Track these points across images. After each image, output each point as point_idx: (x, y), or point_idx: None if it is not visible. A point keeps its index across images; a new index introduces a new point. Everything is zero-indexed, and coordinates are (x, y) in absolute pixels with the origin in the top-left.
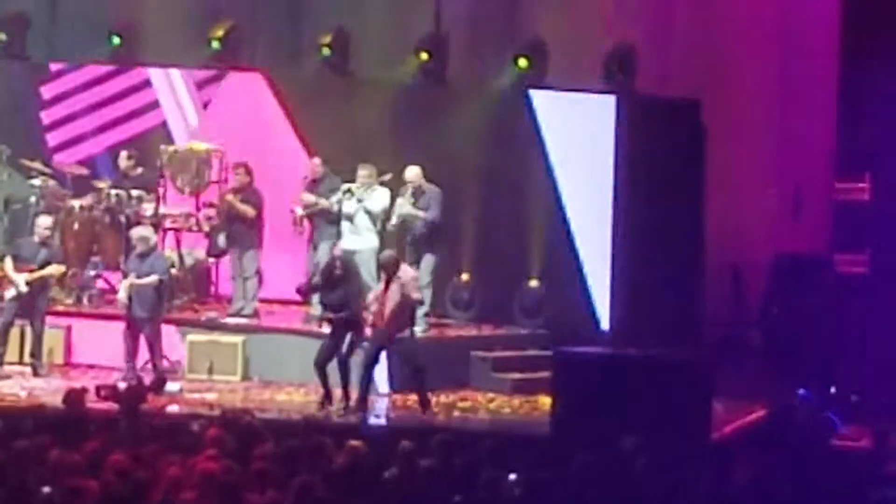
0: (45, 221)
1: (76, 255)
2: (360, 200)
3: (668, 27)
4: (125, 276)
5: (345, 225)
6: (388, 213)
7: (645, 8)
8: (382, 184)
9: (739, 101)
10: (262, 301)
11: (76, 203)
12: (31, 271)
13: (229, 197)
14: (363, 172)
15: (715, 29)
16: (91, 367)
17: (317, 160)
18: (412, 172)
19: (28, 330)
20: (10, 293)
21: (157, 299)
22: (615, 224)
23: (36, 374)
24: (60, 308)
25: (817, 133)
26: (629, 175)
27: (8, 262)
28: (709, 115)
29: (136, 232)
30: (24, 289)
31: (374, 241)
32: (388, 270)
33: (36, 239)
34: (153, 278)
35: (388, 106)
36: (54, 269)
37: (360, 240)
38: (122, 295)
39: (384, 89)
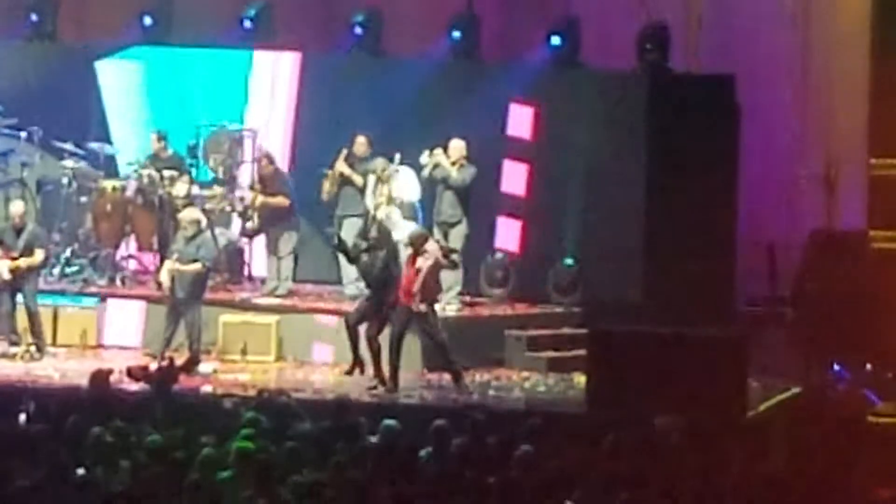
0: (16, 208)
1: (109, 235)
2: (389, 195)
3: (701, 4)
4: (168, 257)
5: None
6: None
7: None
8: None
9: (773, 77)
10: (296, 281)
11: (108, 184)
12: (14, 258)
13: (260, 200)
14: (379, 162)
15: (748, 5)
16: (123, 348)
17: (362, 138)
18: (458, 143)
19: (60, 311)
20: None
21: (200, 282)
22: (649, 201)
23: (39, 352)
24: (94, 289)
25: (852, 109)
26: (663, 152)
27: None
28: (743, 91)
29: (187, 214)
30: (6, 276)
31: (408, 229)
32: (415, 246)
33: (10, 225)
34: (196, 266)
35: (420, 85)
36: (36, 259)
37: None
38: (164, 277)
39: (417, 68)
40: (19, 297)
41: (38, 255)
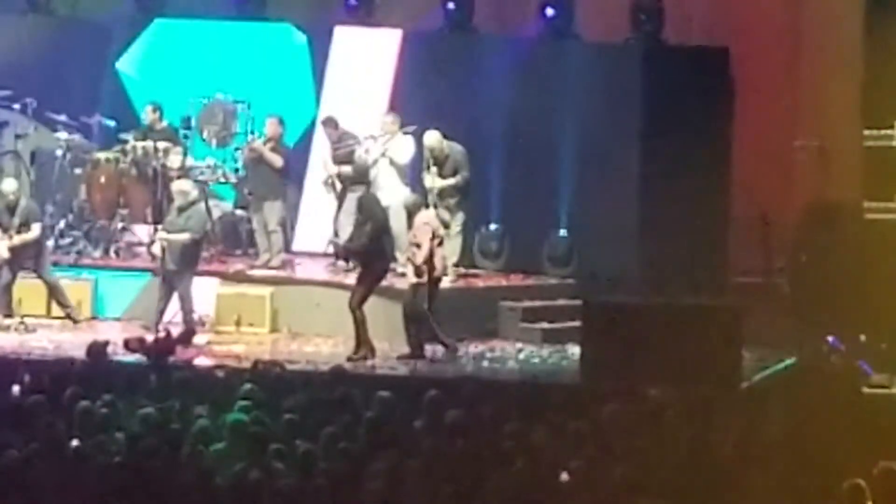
0: (9, 186)
1: (103, 207)
2: (383, 153)
3: None
4: (162, 228)
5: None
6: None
7: None
8: (406, 134)
9: (767, 49)
10: (290, 253)
11: (102, 156)
12: (11, 237)
13: (256, 144)
14: (388, 119)
15: None
16: (118, 320)
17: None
18: (432, 139)
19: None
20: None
21: (191, 254)
22: (643, 173)
23: (74, 321)
24: (88, 261)
25: (845, 80)
26: (657, 124)
27: None
28: (736, 64)
29: (177, 185)
30: (5, 255)
31: (402, 194)
32: (414, 216)
33: (3, 204)
34: (185, 236)
35: (412, 56)
36: (32, 234)
37: (386, 194)
38: (156, 248)
39: (408, 39)
40: (20, 274)
41: (35, 229)
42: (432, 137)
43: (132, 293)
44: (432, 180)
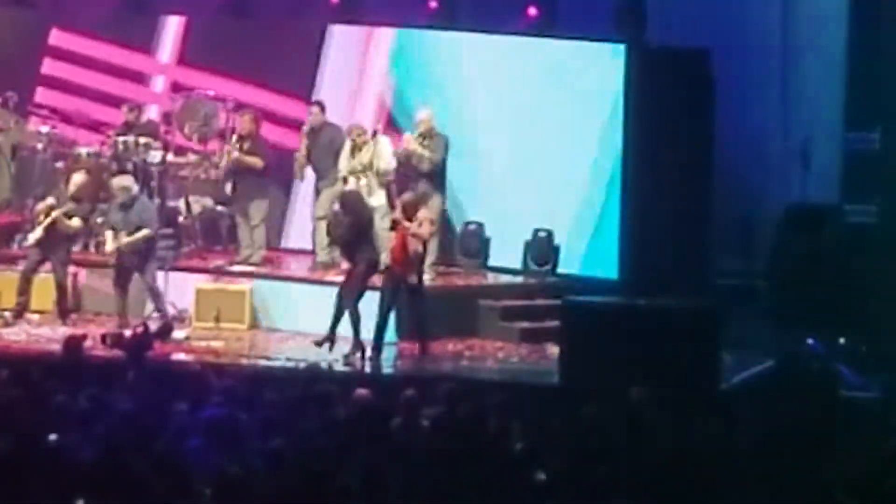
0: (78, 179)
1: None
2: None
3: None
4: (110, 227)
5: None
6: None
7: None
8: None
9: (748, 51)
10: (271, 249)
11: (83, 150)
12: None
13: (235, 154)
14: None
15: None
16: (97, 314)
17: (315, 108)
18: (424, 113)
19: (33, 277)
20: (28, 240)
21: (149, 248)
22: (624, 173)
23: (64, 319)
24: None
25: (827, 82)
26: (638, 125)
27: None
28: (718, 65)
29: (117, 182)
30: (37, 236)
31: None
32: (408, 212)
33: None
34: (145, 232)
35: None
36: (74, 223)
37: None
38: (110, 247)
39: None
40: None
41: (75, 222)
42: (425, 112)
43: (111, 288)
44: (412, 143)
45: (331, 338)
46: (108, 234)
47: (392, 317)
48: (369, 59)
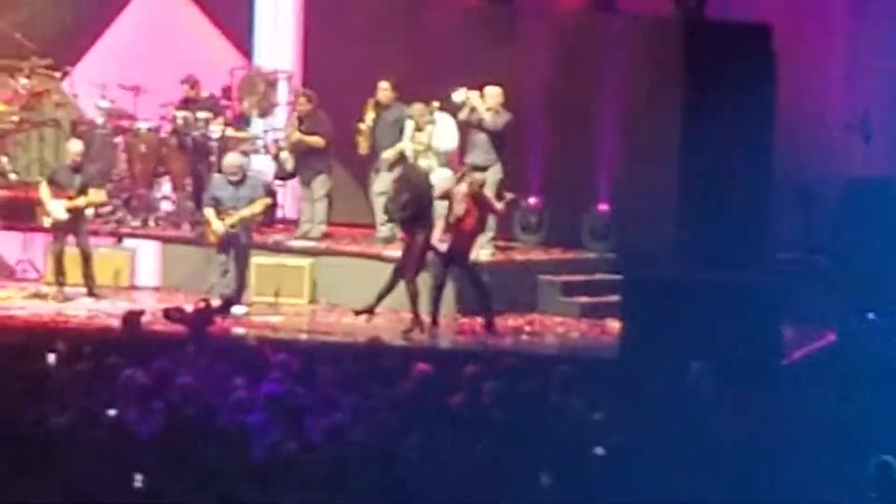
0: (75, 147)
1: (142, 177)
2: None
3: None
4: (213, 206)
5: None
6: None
7: None
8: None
9: (809, 26)
10: (330, 224)
11: (143, 125)
12: (70, 198)
13: (296, 136)
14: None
15: None
16: (157, 289)
17: (385, 83)
18: (493, 91)
19: (93, 252)
20: (47, 221)
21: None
22: (683, 148)
23: (91, 294)
24: (126, 230)
25: (888, 57)
26: (698, 99)
27: (44, 190)
28: (779, 40)
29: (229, 160)
30: (62, 216)
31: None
32: (470, 188)
33: (69, 163)
34: (265, 202)
35: (454, 29)
36: (95, 197)
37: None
38: (217, 227)
39: (450, 13)
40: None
41: (95, 196)
42: (493, 90)
43: (171, 263)
44: (477, 102)
45: (370, 309)
46: (210, 211)
47: (451, 292)
48: None
